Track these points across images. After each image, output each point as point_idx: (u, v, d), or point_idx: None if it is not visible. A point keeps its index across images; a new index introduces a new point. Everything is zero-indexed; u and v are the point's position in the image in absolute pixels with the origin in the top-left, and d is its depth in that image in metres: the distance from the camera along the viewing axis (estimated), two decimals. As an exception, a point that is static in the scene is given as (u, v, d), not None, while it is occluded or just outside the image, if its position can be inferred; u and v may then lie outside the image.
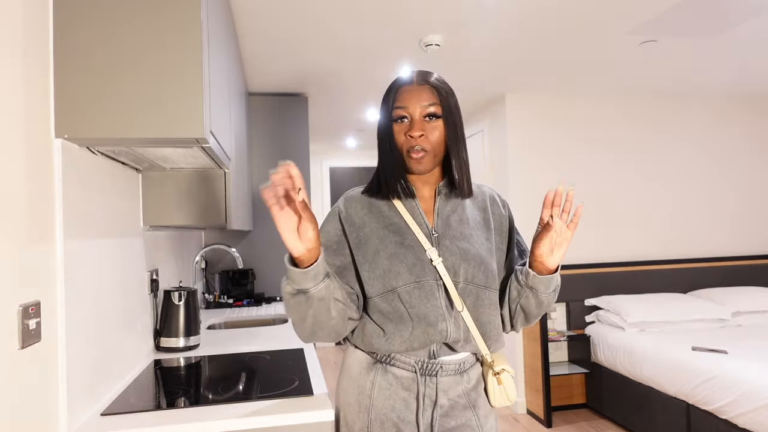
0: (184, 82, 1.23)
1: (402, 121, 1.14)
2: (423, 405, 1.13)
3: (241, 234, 3.51)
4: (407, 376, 1.14)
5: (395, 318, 1.13)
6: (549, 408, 3.45)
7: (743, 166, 4.20)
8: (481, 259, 1.17)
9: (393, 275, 1.13)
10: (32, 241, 1.07)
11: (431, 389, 1.14)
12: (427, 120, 1.13)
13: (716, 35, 2.73)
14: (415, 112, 1.13)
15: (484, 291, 1.17)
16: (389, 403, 1.14)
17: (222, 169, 1.85)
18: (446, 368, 1.15)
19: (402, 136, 1.14)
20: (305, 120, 3.60)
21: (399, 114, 1.14)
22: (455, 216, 1.20)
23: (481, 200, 1.26)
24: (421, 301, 1.12)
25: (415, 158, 1.13)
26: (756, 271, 4.09)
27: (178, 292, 2.00)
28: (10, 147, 1.00)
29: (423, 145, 1.12)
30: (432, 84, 1.16)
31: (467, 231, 1.19)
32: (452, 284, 1.14)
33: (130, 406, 1.35)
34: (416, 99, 1.13)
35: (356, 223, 1.19)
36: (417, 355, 1.14)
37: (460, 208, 1.22)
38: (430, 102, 1.13)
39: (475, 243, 1.18)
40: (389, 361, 1.15)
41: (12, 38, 1.03)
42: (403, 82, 1.17)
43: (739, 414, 2.42)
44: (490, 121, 4.09)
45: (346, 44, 2.72)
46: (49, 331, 1.14)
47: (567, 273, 3.80)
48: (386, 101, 1.17)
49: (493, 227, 1.24)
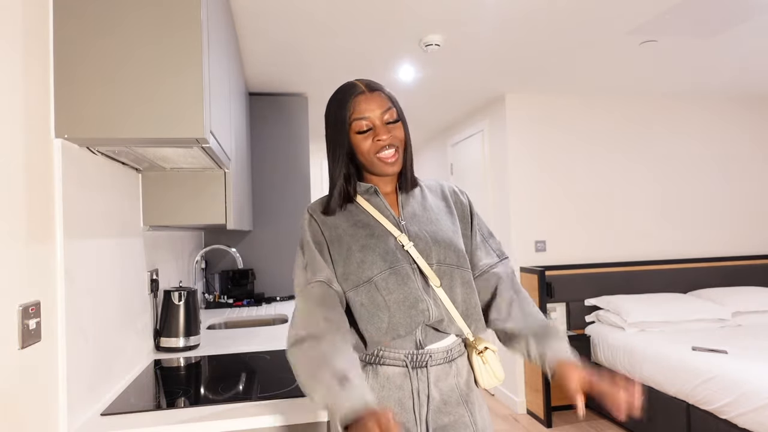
0: (184, 82, 1.23)
1: (367, 132, 1.17)
2: (419, 400, 1.15)
3: (241, 234, 3.51)
4: (398, 372, 1.16)
5: (374, 309, 1.15)
6: (549, 408, 3.45)
7: (743, 166, 4.20)
8: (450, 240, 1.21)
9: (367, 265, 1.16)
10: (32, 241, 1.07)
11: (423, 383, 1.15)
12: (387, 125, 1.18)
13: (716, 35, 2.73)
14: (376, 118, 1.17)
15: (457, 270, 1.20)
16: (383, 405, 1.14)
17: (222, 169, 1.85)
18: (435, 357, 1.17)
19: (367, 143, 1.17)
20: (305, 120, 3.60)
21: (360, 126, 1.16)
22: (418, 205, 1.26)
23: (440, 192, 1.33)
24: (398, 286, 1.15)
25: (388, 161, 1.17)
26: (756, 271, 4.09)
27: (178, 292, 2.00)
28: (10, 147, 1.00)
29: (393, 143, 1.17)
30: (381, 89, 1.20)
31: (433, 216, 1.25)
32: (426, 265, 1.17)
33: (130, 406, 1.35)
34: (374, 106, 1.17)
35: (328, 224, 1.22)
36: (405, 347, 1.16)
37: (421, 198, 1.28)
38: (387, 107, 1.18)
39: (442, 226, 1.23)
40: (379, 361, 1.16)
41: (12, 38, 1.03)
42: (354, 92, 1.18)
43: (739, 414, 2.42)
44: (490, 121, 4.09)
45: (346, 44, 2.72)
46: (49, 331, 1.14)
47: (567, 273, 3.80)
48: (338, 115, 1.18)
49: (455, 214, 1.30)
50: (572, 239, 3.88)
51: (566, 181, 3.89)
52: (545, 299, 3.47)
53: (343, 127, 1.18)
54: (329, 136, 1.22)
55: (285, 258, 3.55)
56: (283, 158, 3.55)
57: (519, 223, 3.80)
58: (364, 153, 1.18)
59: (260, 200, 3.51)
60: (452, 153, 4.97)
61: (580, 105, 3.94)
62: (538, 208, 3.84)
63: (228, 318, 2.81)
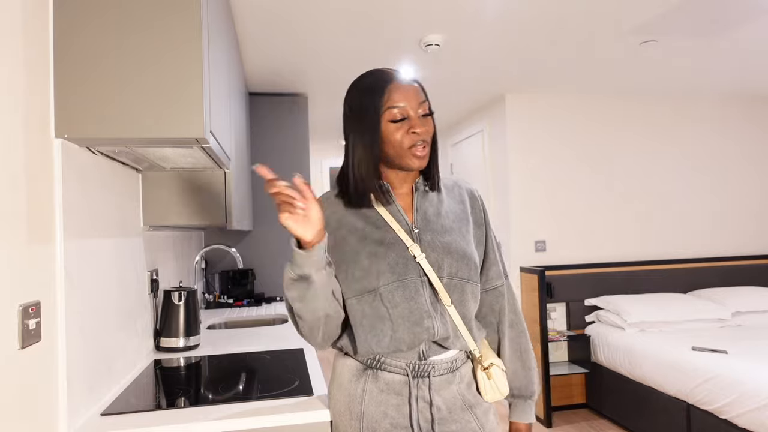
0: (184, 82, 1.23)
1: (401, 121, 1.11)
2: (417, 407, 1.12)
3: (241, 234, 3.51)
4: (398, 380, 1.13)
5: (376, 321, 1.11)
6: (549, 408, 3.45)
7: (744, 166, 4.20)
8: (464, 252, 1.16)
9: (374, 275, 1.10)
10: (32, 241, 1.07)
11: (424, 391, 1.12)
12: (422, 117, 1.13)
13: (717, 36, 2.73)
14: (414, 109, 1.11)
15: (468, 284, 1.16)
16: (381, 410, 1.12)
17: (222, 169, 1.85)
18: (438, 368, 1.14)
19: (400, 134, 1.10)
20: (305, 120, 3.60)
21: (396, 114, 1.10)
22: (434, 210, 1.19)
23: (458, 194, 1.26)
24: (404, 300, 1.10)
25: (420, 155, 1.12)
26: (756, 271, 4.09)
27: (178, 292, 2.00)
28: (10, 147, 1.00)
29: (426, 138, 1.12)
30: (418, 83, 1.16)
31: (447, 224, 1.18)
32: (437, 280, 1.12)
33: (130, 406, 1.35)
34: (413, 97, 1.11)
35: (331, 225, 1.17)
36: (407, 357, 1.13)
37: (437, 202, 1.21)
38: (422, 99, 1.13)
39: (456, 236, 1.17)
40: (379, 366, 1.13)
41: (12, 38, 1.03)
42: (389, 79, 1.12)
43: (739, 414, 2.42)
44: (490, 121, 4.09)
45: (345, 44, 2.72)
46: (49, 331, 1.13)
47: (567, 273, 3.80)
48: (369, 100, 1.11)
49: (471, 220, 1.24)
50: (572, 239, 3.88)
51: (566, 181, 3.89)
52: (545, 299, 3.47)
53: (374, 115, 1.10)
54: (351, 125, 1.14)
55: (285, 258, 3.55)
56: (283, 158, 3.55)
57: (519, 223, 3.80)
58: (395, 144, 1.11)
59: (260, 200, 3.51)
60: (452, 153, 4.98)
61: (581, 105, 3.94)
62: (538, 208, 3.84)
63: (228, 318, 2.81)
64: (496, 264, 1.26)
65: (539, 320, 3.46)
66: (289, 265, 1.05)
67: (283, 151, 3.56)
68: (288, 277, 1.06)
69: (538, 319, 3.48)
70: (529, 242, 3.81)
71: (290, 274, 1.05)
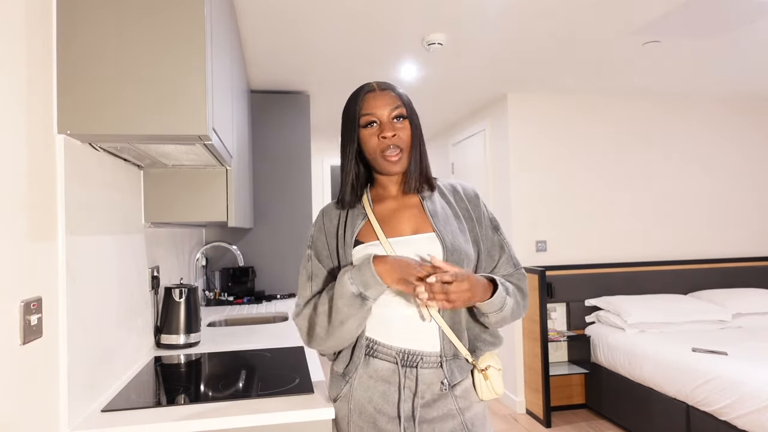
0: (187, 79, 1.23)
1: (371, 126, 1.18)
2: (403, 396, 1.16)
3: (242, 231, 3.51)
4: (388, 367, 1.18)
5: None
6: (548, 408, 3.45)
7: (745, 167, 4.20)
8: (459, 247, 1.19)
9: None
10: (34, 237, 1.07)
11: (411, 380, 1.17)
12: (395, 121, 1.18)
13: (719, 36, 2.73)
14: (383, 115, 1.18)
15: None
16: (367, 395, 1.17)
17: (224, 166, 1.85)
18: (426, 360, 1.17)
19: (373, 140, 1.18)
20: (307, 118, 3.60)
21: (367, 120, 1.18)
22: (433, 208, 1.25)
23: (450, 192, 1.30)
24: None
25: (392, 160, 1.18)
26: (756, 273, 4.08)
27: (179, 289, 2.00)
28: (13, 143, 1.00)
29: (397, 143, 1.17)
30: (393, 89, 1.22)
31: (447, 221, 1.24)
32: None
33: (131, 403, 1.35)
34: (382, 103, 1.18)
35: (331, 233, 1.25)
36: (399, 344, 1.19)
37: (429, 202, 1.25)
38: (396, 105, 1.19)
39: (449, 234, 1.20)
40: (372, 353, 1.19)
41: (15, 34, 1.03)
42: (365, 90, 1.21)
43: (739, 415, 2.42)
44: (492, 121, 4.08)
45: (348, 42, 2.72)
46: (51, 327, 1.14)
47: (567, 273, 3.80)
48: (349, 112, 1.21)
49: (462, 216, 1.26)
50: (573, 240, 3.88)
51: (568, 182, 3.89)
52: (545, 299, 3.47)
53: (354, 123, 1.20)
54: (342, 133, 1.24)
55: (286, 256, 3.55)
56: (285, 156, 3.55)
57: (520, 223, 3.80)
58: (370, 150, 1.20)
59: (261, 198, 3.51)
60: (453, 152, 4.97)
61: (582, 105, 3.94)
62: (539, 208, 3.84)
63: (228, 315, 2.81)
64: (504, 257, 1.27)
65: (539, 320, 3.46)
66: (356, 282, 1.10)
67: (284, 149, 3.56)
68: (349, 291, 1.10)
69: (538, 319, 3.48)
70: (530, 242, 3.81)
71: (352, 288, 1.10)
